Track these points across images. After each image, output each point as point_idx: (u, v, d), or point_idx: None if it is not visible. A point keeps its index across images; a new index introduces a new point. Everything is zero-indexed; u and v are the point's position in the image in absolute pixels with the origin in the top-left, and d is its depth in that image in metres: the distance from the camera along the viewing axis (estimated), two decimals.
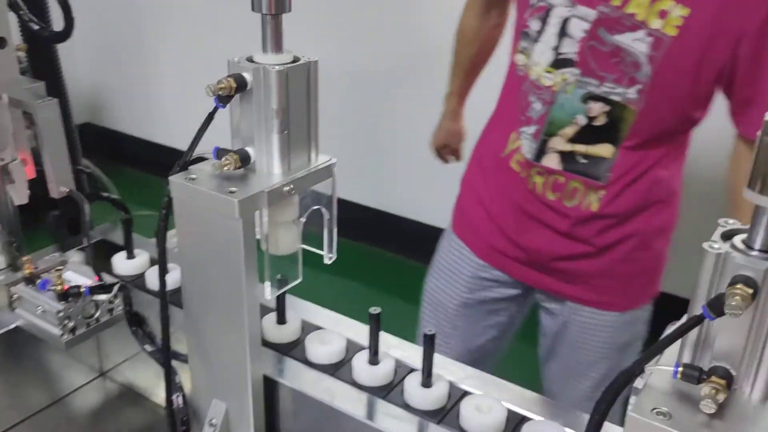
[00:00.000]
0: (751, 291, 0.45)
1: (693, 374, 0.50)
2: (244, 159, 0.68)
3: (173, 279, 0.82)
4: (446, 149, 1.61)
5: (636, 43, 1.04)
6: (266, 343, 0.83)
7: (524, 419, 0.73)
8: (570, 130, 1.14)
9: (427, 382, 0.75)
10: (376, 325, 0.77)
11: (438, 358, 0.76)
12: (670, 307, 1.02)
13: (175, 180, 0.68)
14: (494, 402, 0.73)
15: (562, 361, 1.36)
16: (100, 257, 0.92)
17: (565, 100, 1.12)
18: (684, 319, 0.52)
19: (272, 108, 0.67)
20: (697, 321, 0.48)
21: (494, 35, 1.46)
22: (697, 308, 0.49)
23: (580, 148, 1.14)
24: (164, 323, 0.73)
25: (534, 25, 1.13)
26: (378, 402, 0.76)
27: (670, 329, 0.57)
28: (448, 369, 0.80)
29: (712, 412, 0.47)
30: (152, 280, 0.90)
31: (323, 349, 0.81)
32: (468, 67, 1.50)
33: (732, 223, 0.52)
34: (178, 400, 0.77)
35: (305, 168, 0.71)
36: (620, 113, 1.10)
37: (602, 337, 1.29)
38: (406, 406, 0.75)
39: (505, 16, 1.42)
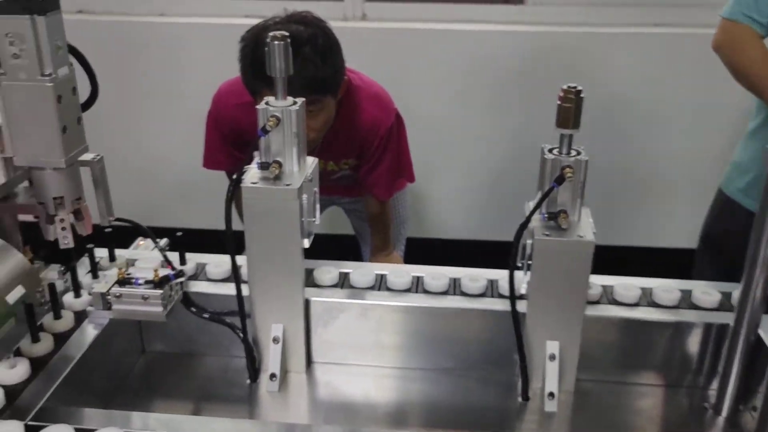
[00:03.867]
0: (572, 170, 1.05)
1: (553, 214, 1.09)
2: (281, 165, 1.11)
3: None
4: None
5: None
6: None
7: None
8: None
9: None
10: None
11: None
12: None
13: (246, 185, 1.09)
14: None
15: None
16: None
17: None
18: (539, 195, 1.11)
19: (294, 131, 1.11)
20: (551, 189, 1.07)
21: None
22: (547, 185, 1.08)
23: None
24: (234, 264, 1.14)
25: None
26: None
27: (531, 204, 1.16)
28: None
29: (566, 227, 1.07)
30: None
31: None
32: None
33: (548, 145, 1.11)
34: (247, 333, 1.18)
35: (308, 166, 1.16)
36: None
37: None
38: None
39: None
